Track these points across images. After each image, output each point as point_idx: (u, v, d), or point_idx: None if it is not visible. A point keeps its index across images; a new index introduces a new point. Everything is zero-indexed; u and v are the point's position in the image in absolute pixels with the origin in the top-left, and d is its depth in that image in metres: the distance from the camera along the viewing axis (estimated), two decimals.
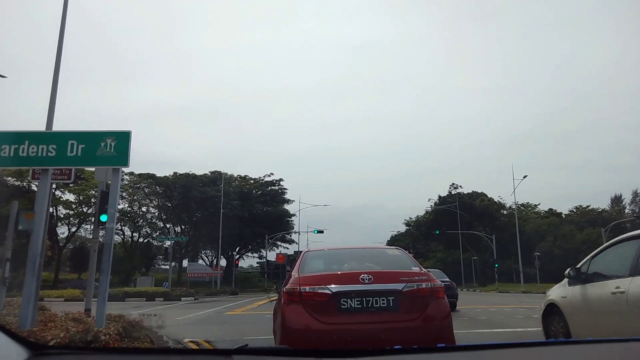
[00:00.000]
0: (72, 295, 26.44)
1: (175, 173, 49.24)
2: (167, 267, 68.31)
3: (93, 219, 40.61)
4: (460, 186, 65.78)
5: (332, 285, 4.47)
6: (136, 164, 46.50)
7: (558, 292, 6.02)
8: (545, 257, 49.17)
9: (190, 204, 48.87)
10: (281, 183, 56.48)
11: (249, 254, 64.40)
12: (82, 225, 45.26)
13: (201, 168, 59.47)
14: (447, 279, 15.06)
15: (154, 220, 50.63)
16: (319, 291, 4.48)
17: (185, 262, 56.24)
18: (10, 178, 41.48)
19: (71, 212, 42.86)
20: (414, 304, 4.48)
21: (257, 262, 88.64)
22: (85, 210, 43.81)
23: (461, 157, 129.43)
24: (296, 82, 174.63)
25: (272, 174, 56.25)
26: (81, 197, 41.78)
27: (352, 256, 5.66)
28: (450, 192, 65.21)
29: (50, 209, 45.36)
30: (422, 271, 4.84)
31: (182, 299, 27.28)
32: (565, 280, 5.82)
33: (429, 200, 67.19)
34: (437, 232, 54.95)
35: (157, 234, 49.25)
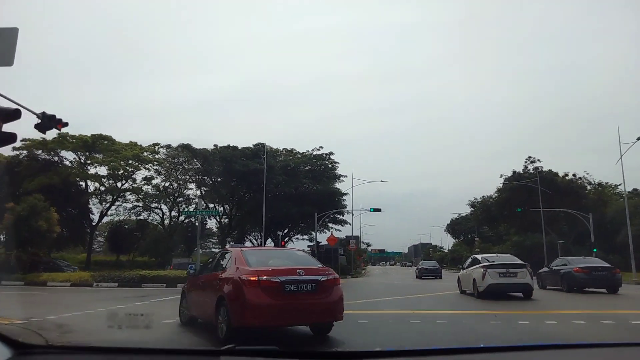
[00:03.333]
0: (80, 279, 21.95)
1: (215, 146, 44.45)
2: (216, 249, 64.96)
3: (125, 195, 36.18)
4: (538, 160, 56.52)
5: (280, 276, 6.69)
6: None
7: (461, 272, 18.12)
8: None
9: (231, 178, 43.96)
10: (332, 157, 50.32)
11: (298, 236, 59.07)
12: (116, 202, 41.60)
13: None
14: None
15: (193, 198, 46.25)
16: (272, 279, 6.63)
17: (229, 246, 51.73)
18: (39, 151, 38.39)
19: (102, 188, 39.14)
20: (326, 289, 7.00)
21: (308, 246, 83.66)
22: (117, 185, 40.03)
23: (519, 140, 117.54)
24: (346, 69, 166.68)
25: (321, 147, 50.22)
26: (113, 170, 37.84)
27: (275, 255, 8.51)
28: (525, 167, 56.29)
29: (81, 184, 42.37)
30: (329, 268, 7.56)
31: None
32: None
33: (500, 176, 58.31)
34: (519, 209, 46.70)
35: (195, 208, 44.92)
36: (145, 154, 40.44)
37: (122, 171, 38.32)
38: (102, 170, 38.24)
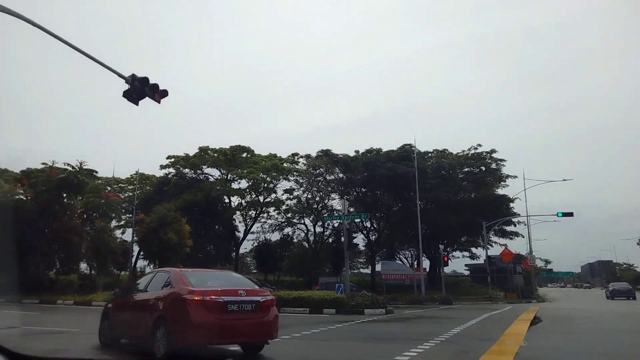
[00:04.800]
0: None
1: (356, 151, 39.83)
2: (364, 270, 59.65)
3: (268, 210, 33.40)
4: None
5: (223, 296, 6.87)
6: None
7: None
8: None
9: (376, 186, 38.70)
10: (494, 155, 41.58)
11: (455, 253, 50.60)
12: (260, 218, 39.41)
13: None
14: None
15: (337, 210, 42.05)
16: (216, 299, 6.77)
17: (379, 266, 45.85)
18: (187, 170, 38.25)
19: (244, 202, 37.16)
20: (264, 309, 7.24)
21: (466, 265, 73.04)
22: (260, 199, 37.75)
23: None
24: (492, 75, 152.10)
25: (479, 145, 42.01)
26: (253, 181, 35.52)
27: (213, 276, 8.16)
28: None
29: (226, 201, 41.41)
30: (266, 289, 8.05)
31: (366, 311, 16.57)
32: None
33: None
34: None
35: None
36: (284, 165, 37.65)
37: (263, 184, 35.91)
38: (243, 184, 36.36)
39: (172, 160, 36.26)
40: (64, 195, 23.98)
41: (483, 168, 41.69)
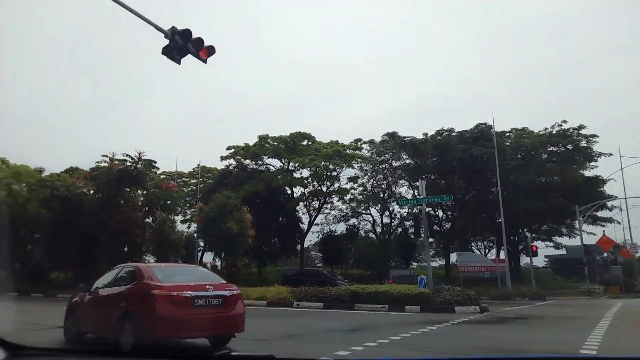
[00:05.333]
0: (277, 297, 16.64)
1: (425, 134, 36.74)
2: (436, 263, 55.66)
3: (332, 200, 31.33)
4: None
5: (190, 291, 6.89)
6: None
7: None
8: None
9: (449, 171, 35.52)
10: (583, 132, 36.71)
11: (537, 242, 45.80)
12: (324, 208, 37.56)
13: None
14: None
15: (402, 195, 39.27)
16: (183, 294, 6.81)
17: (454, 257, 42.48)
18: (247, 161, 37.21)
19: (306, 191, 35.40)
20: (231, 303, 7.31)
21: (546, 257, 67.17)
22: (322, 188, 35.80)
23: None
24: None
25: (564, 121, 37.21)
26: (315, 169, 33.61)
27: (180, 271, 8.45)
28: None
29: (287, 190, 39.96)
30: (232, 284, 7.86)
31: (457, 308, 13.92)
32: None
33: None
34: None
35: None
36: (347, 151, 35.47)
37: (325, 172, 33.96)
38: (305, 173, 34.66)
39: (232, 151, 35.32)
40: (125, 187, 23.46)
41: (570, 147, 37.03)
